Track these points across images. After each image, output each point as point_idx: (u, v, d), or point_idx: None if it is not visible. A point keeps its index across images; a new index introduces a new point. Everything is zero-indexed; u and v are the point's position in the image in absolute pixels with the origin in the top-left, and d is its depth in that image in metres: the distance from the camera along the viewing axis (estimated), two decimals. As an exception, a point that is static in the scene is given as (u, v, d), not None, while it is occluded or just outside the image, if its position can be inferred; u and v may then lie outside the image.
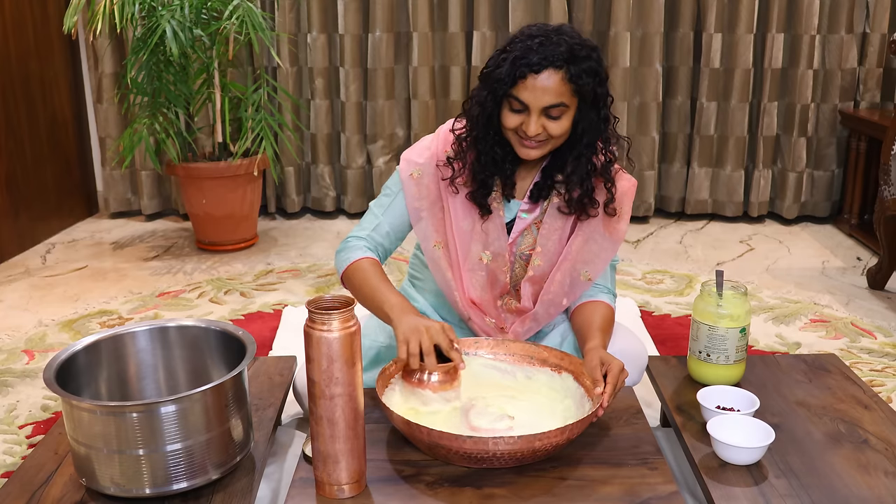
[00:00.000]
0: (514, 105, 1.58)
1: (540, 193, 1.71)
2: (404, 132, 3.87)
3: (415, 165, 1.72)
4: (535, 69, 1.54)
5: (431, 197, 1.72)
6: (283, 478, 1.69)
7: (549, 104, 1.56)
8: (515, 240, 1.73)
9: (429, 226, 1.73)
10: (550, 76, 1.54)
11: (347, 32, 3.69)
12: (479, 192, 1.68)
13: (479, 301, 1.76)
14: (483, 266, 1.72)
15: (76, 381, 1.43)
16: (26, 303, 2.85)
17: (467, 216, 1.71)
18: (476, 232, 1.71)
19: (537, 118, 1.57)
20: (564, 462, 1.42)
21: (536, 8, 3.64)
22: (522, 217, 1.73)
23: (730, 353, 1.68)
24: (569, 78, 1.55)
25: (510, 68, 1.55)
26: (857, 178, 3.55)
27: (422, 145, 1.76)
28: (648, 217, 3.88)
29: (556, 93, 1.55)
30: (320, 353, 1.26)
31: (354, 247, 1.72)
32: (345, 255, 1.72)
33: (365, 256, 1.69)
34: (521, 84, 1.55)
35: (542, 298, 1.74)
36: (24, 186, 3.41)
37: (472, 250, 1.72)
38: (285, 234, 3.69)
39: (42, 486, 1.39)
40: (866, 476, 1.41)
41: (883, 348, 2.40)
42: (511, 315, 1.78)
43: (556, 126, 1.58)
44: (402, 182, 1.73)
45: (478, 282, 1.74)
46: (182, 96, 3.31)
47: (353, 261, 1.69)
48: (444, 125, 1.77)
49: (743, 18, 3.58)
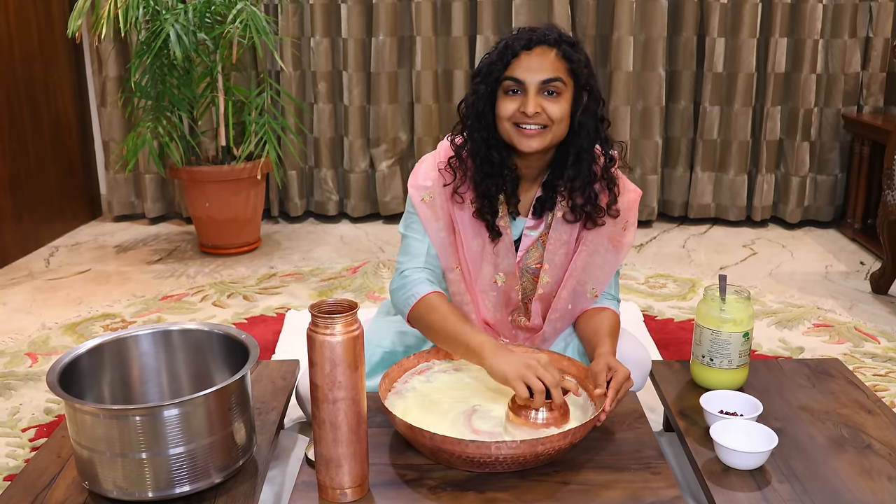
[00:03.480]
0: (509, 87, 1.57)
1: (543, 207, 1.70)
2: (407, 136, 3.88)
3: (424, 190, 1.67)
4: (526, 46, 1.54)
5: (445, 219, 1.68)
6: (285, 481, 1.69)
7: (546, 78, 1.55)
8: (522, 256, 1.72)
9: (448, 247, 1.69)
10: (544, 52, 1.55)
11: (351, 36, 3.70)
12: (486, 210, 1.64)
13: (493, 321, 1.75)
14: (496, 287, 1.71)
15: (79, 385, 1.43)
16: (30, 306, 2.85)
17: (476, 237, 1.68)
18: (487, 254, 1.69)
19: (535, 95, 1.55)
20: (567, 466, 1.42)
21: (540, 11, 3.65)
22: (528, 234, 1.72)
23: (733, 358, 1.68)
24: (562, 55, 1.55)
25: (502, 51, 1.56)
26: (860, 183, 3.55)
27: (425, 166, 1.70)
28: (651, 221, 3.88)
29: (552, 68, 1.55)
30: (323, 357, 1.26)
31: (416, 280, 1.62)
32: (408, 291, 1.62)
33: (431, 291, 1.61)
34: (514, 63, 1.55)
35: (549, 317, 1.74)
36: (27, 189, 3.42)
37: (484, 272, 1.70)
38: (288, 238, 3.69)
39: (45, 489, 1.39)
40: (869, 481, 1.41)
41: (886, 353, 2.40)
42: (522, 332, 1.78)
43: (555, 107, 1.56)
44: (416, 210, 1.67)
45: (490, 302, 1.73)
46: (186, 100, 3.31)
47: (421, 297, 1.60)
48: (440, 144, 1.73)
49: (746, 23, 3.59)
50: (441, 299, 1.60)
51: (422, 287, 1.61)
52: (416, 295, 1.61)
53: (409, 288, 1.62)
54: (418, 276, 1.63)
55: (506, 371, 1.44)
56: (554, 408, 1.44)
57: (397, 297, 1.64)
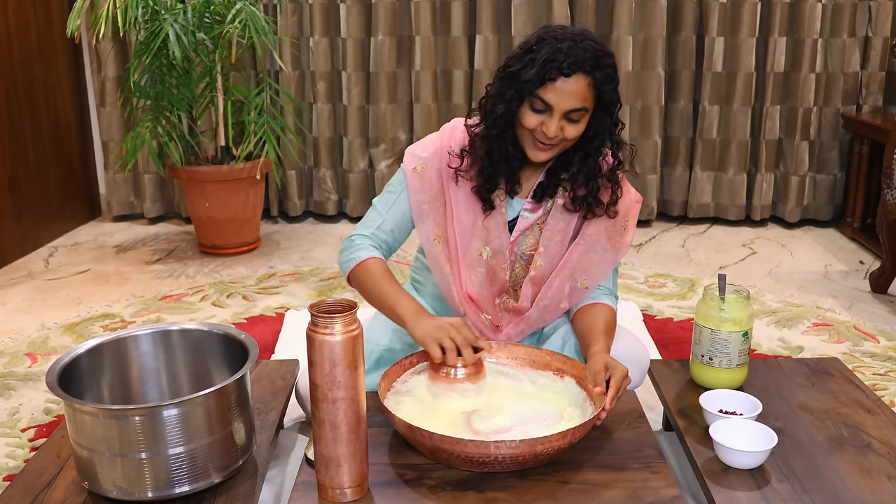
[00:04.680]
0: (536, 105, 1.59)
1: (544, 193, 1.72)
2: (406, 136, 3.88)
3: (418, 159, 1.74)
4: (565, 73, 1.55)
5: (434, 191, 1.73)
6: (285, 481, 1.69)
7: (573, 108, 1.57)
8: (517, 239, 1.74)
9: (430, 220, 1.74)
10: (578, 81, 1.56)
11: (350, 36, 3.70)
12: (485, 187, 1.69)
13: (477, 297, 1.76)
14: (483, 262, 1.73)
15: (79, 385, 1.43)
16: (29, 306, 2.85)
17: (469, 210, 1.72)
18: (477, 227, 1.72)
19: (558, 120, 1.58)
20: (566, 466, 1.42)
21: (539, 11, 3.65)
22: (525, 216, 1.73)
23: (732, 357, 1.68)
24: (594, 84, 1.58)
25: (540, 69, 1.56)
26: (859, 182, 3.55)
27: (427, 141, 1.78)
28: (651, 221, 3.88)
29: (582, 98, 1.57)
30: (323, 357, 1.26)
31: (360, 245, 1.72)
32: (350, 254, 1.72)
33: (371, 256, 1.70)
34: (549, 85, 1.56)
35: (538, 303, 1.75)
36: (27, 189, 3.42)
37: (473, 246, 1.73)
38: (288, 238, 3.69)
39: (44, 489, 1.39)
40: (869, 480, 1.41)
41: (886, 352, 2.40)
42: (508, 314, 1.79)
43: (574, 129, 1.60)
44: (405, 175, 1.74)
45: (476, 278, 1.75)
46: (185, 100, 3.31)
47: (360, 260, 1.69)
48: (448, 123, 1.79)
49: (745, 22, 3.59)
50: (379, 264, 1.69)
51: (363, 252, 1.70)
52: (356, 258, 1.70)
53: (352, 251, 1.72)
54: (362, 243, 1.72)
55: (422, 333, 1.54)
56: (465, 365, 1.54)
57: (342, 259, 1.74)
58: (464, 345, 1.52)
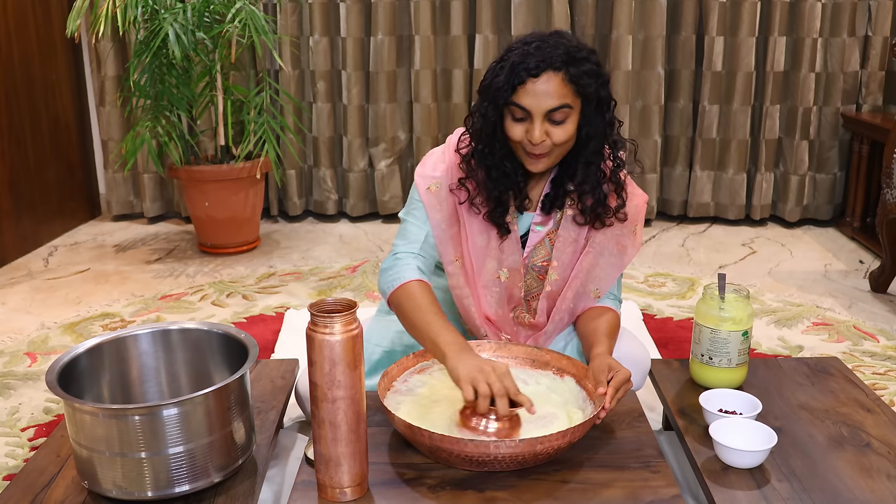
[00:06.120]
0: (516, 114, 1.56)
1: (552, 204, 1.70)
2: (406, 135, 3.88)
3: (431, 179, 1.69)
4: (533, 73, 1.52)
5: (449, 209, 1.69)
6: (285, 481, 1.69)
7: (552, 107, 1.54)
8: (529, 252, 1.73)
9: (448, 240, 1.70)
10: (550, 78, 1.53)
11: (349, 35, 3.70)
12: (497, 212, 1.65)
13: (495, 317, 1.75)
14: (499, 283, 1.72)
15: (78, 384, 1.43)
16: (29, 305, 2.85)
17: (482, 233, 1.69)
18: (491, 249, 1.69)
19: (541, 124, 1.55)
20: (566, 465, 1.42)
21: (539, 11, 3.65)
22: (536, 230, 1.72)
23: (732, 357, 1.68)
24: (569, 79, 1.53)
25: (508, 75, 1.53)
26: (859, 181, 3.55)
27: (434, 158, 1.73)
28: (651, 220, 3.88)
29: (558, 95, 1.54)
30: (322, 357, 1.26)
31: (406, 265, 1.62)
32: (394, 273, 1.62)
33: (415, 279, 1.59)
34: (520, 90, 1.54)
35: (553, 317, 1.75)
36: (26, 189, 3.42)
37: (488, 266, 1.70)
38: (287, 237, 3.69)
39: (44, 488, 1.39)
40: (869, 479, 1.41)
41: (885, 351, 2.40)
42: (524, 329, 1.78)
43: (561, 131, 1.56)
44: (421, 198, 1.69)
45: (493, 298, 1.73)
46: (184, 99, 3.31)
47: (403, 282, 1.59)
48: (451, 136, 1.74)
49: (745, 21, 3.58)
50: (423, 289, 1.58)
51: (408, 273, 1.60)
52: (400, 279, 1.60)
53: (397, 271, 1.61)
54: (409, 263, 1.63)
55: (459, 372, 1.41)
56: (499, 419, 1.41)
57: (384, 278, 1.63)
58: (500, 394, 1.37)
